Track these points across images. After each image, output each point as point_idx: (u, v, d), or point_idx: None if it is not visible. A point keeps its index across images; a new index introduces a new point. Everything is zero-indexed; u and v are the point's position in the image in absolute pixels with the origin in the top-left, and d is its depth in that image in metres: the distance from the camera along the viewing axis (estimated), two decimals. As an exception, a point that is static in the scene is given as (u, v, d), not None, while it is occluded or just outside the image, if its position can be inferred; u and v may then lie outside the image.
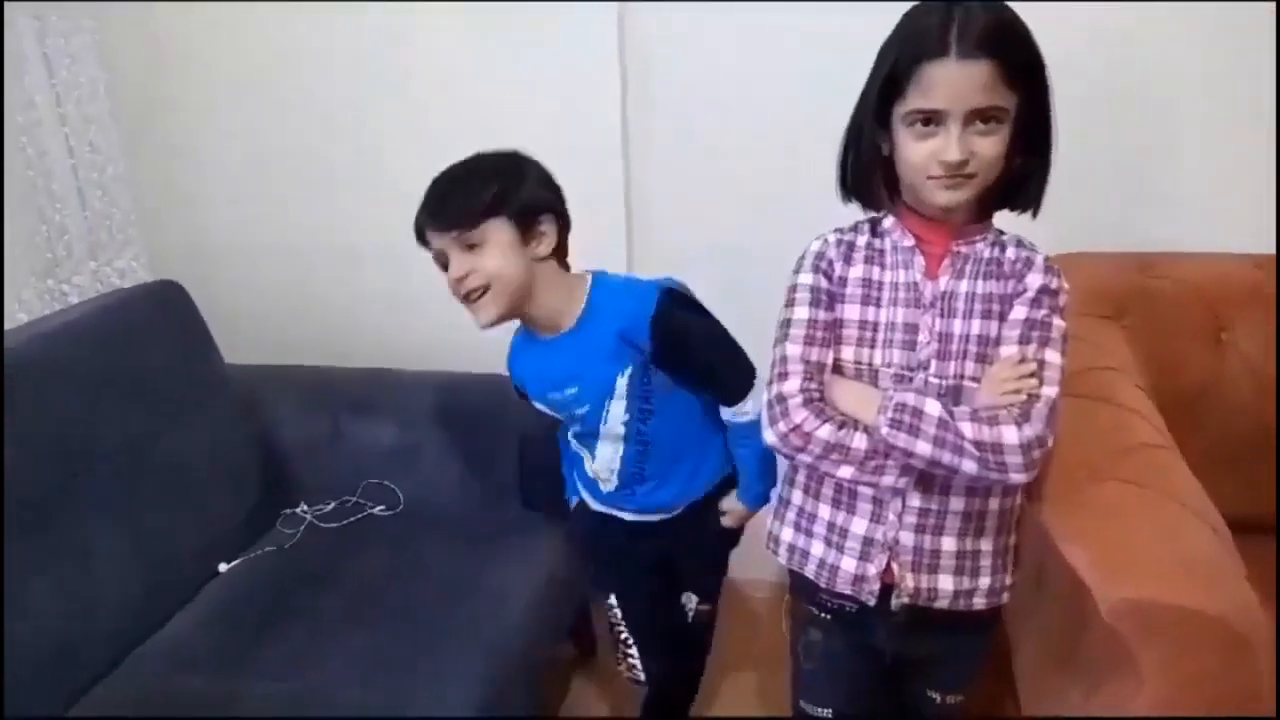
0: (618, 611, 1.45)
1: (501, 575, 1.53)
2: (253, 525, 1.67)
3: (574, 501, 1.50)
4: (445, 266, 1.23)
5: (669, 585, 1.48)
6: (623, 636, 1.46)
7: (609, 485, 1.38)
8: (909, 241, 1.09)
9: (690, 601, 1.49)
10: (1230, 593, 0.97)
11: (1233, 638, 0.93)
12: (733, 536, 1.46)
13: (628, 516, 1.42)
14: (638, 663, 1.45)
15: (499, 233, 1.21)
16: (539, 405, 1.38)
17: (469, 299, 1.23)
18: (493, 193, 1.21)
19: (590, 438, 1.35)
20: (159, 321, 1.64)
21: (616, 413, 1.30)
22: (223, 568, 1.58)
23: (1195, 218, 1.70)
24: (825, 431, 1.05)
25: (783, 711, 1.54)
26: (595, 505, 1.45)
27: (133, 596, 1.42)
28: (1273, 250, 1.60)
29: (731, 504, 1.43)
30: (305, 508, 1.71)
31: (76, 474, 1.37)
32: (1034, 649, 1.33)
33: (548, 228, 1.25)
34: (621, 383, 1.29)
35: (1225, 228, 1.65)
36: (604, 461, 1.35)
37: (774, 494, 1.39)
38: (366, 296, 2.07)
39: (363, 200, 1.99)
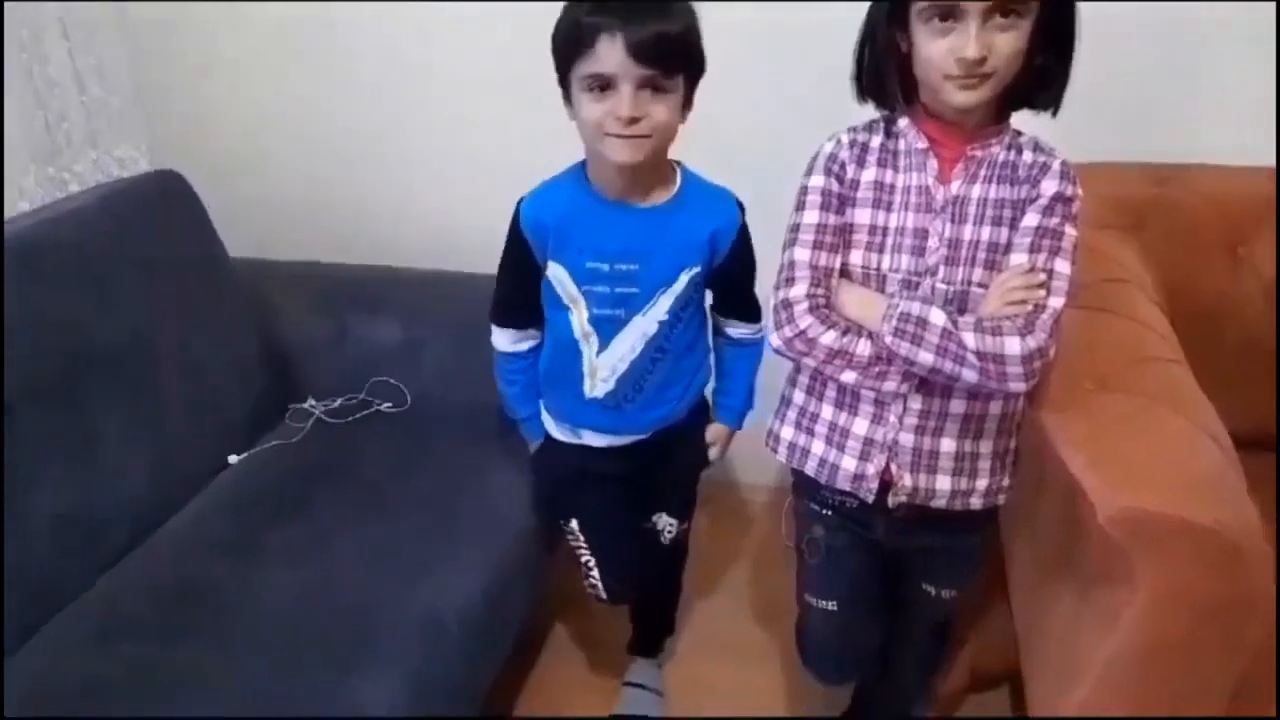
0: (580, 536, 1.42)
1: (505, 469, 1.54)
2: (261, 419, 1.69)
3: (533, 444, 1.45)
4: (600, 87, 1.10)
5: (633, 506, 1.45)
6: (584, 559, 1.43)
7: (601, 388, 1.30)
8: (923, 144, 1.06)
9: (663, 522, 1.47)
10: (1230, 507, 0.97)
11: (1229, 550, 0.94)
12: (704, 458, 1.45)
13: (597, 442, 1.37)
14: (599, 583, 1.43)
15: (678, 89, 1.12)
16: (555, 268, 1.25)
17: (621, 136, 1.11)
18: (700, 51, 1.13)
19: (614, 325, 1.26)
20: (161, 212, 1.62)
21: (663, 305, 1.25)
22: (232, 459, 1.60)
23: (1217, 129, 1.65)
24: (830, 338, 1.05)
25: (780, 610, 1.59)
26: (559, 433, 1.40)
27: (144, 483, 1.44)
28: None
29: (715, 431, 1.43)
30: (314, 402, 1.72)
31: (82, 361, 1.37)
32: (1028, 552, 1.35)
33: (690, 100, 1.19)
34: (684, 278, 1.25)
35: (1247, 140, 1.60)
36: (616, 355, 1.28)
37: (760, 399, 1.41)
38: (372, 193, 2.05)
39: (371, 93, 1.95)
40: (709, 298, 1.35)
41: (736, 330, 1.37)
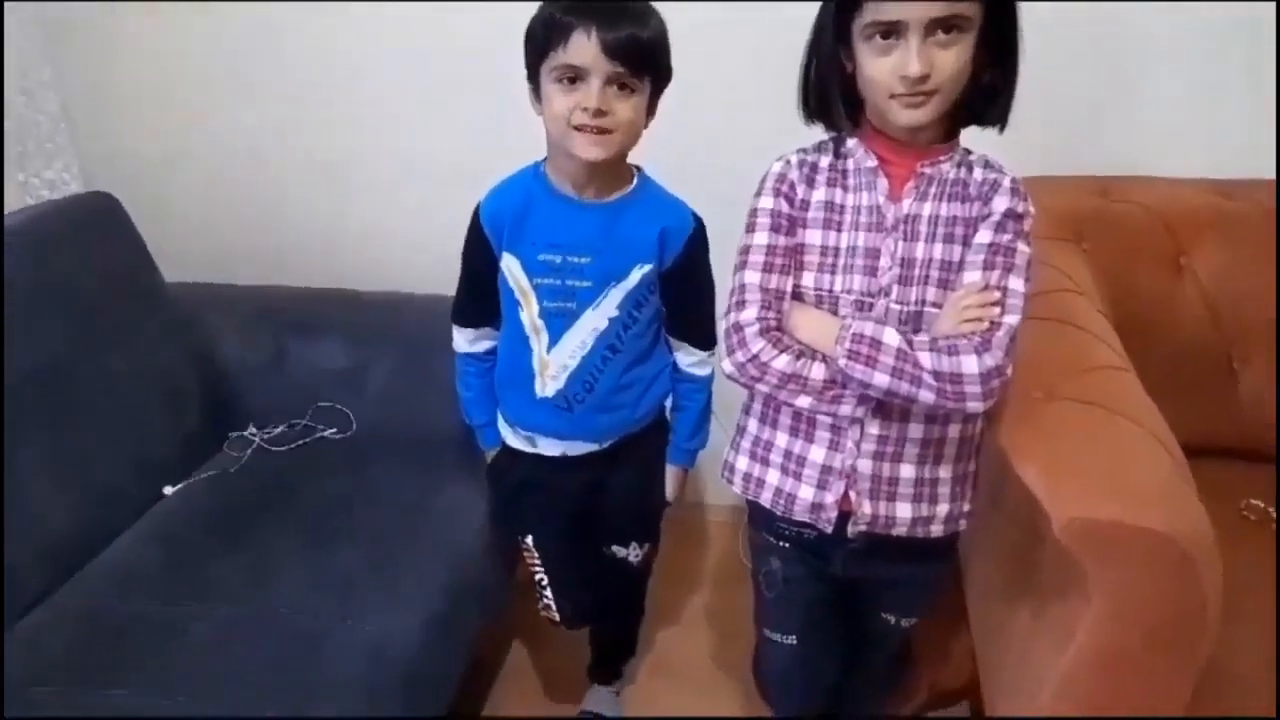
0: (534, 552, 1.42)
1: (456, 493, 1.51)
2: (198, 448, 1.63)
3: (490, 453, 1.45)
4: (571, 79, 1.12)
5: (594, 535, 1.45)
6: (537, 577, 1.44)
7: (552, 385, 1.30)
8: (872, 162, 1.05)
9: (630, 550, 1.46)
10: (1182, 512, 0.97)
11: (1180, 556, 0.95)
12: (662, 493, 1.44)
13: (552, 450, 1.37)
14: (552, 603, 1.44)
15: (644, 92, 1.16)
16: (508, 259, 1.26)
17: (585, 130, 1.13)
18: (668, 61, 1.17)
19: (565, 318, 1.27)
20: (91, 234, 1.57)
21: (613, 300, 1.25)
22: (168, 490, 1.54)
23: (1157, 142, 1.67)
24: (782, 362, 1.03)
25: (738, 633, 1.57)
26: (515, 441, 1.39)
27: (71, 519, 1.38)
28: (1235, 175, 1.58)
29: (667, 472, 1.43)
30: (254, 430, 1.67)
31: (2, 393, 1.32)
32: (985, 569, 1.35)
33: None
34: (636, 275, 1.25)
35: (1187, 152, 1.63)
36: (565, 350, 1.28)
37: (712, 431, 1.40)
38: (313, 216, 2.00)
39: (312, 112, 1.90)
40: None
41: (686, 358, 1.35)
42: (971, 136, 1.08)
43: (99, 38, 1.87)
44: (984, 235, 1.03)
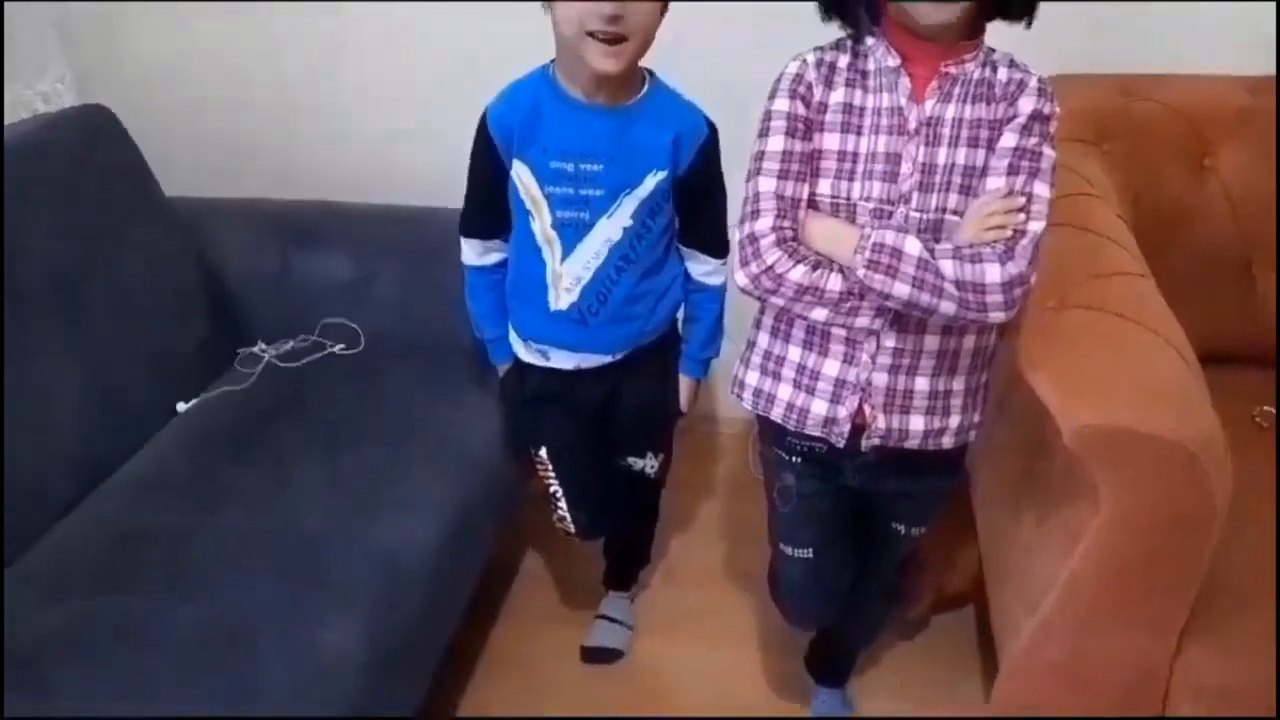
0: (549, 464, 1.42)
1: (468, 403, 1.52)
2: (209, 364, 1.63)
3: (502, 366, 1.44)
4: None
5: (608, 445, 1.44)
6: (551, 489, 1.43)
7: (565, 298, 1.28)
8: (894, 61, 1.01)
9: (645, 461, 1.46)
10: (1193, 419, 0.97)
11: (1190, 462, 0.95)
12: (676, 404, 1.44)
13: (565, 364, 1.35)
14: (567, 515, 1.44)
15: None
16: (519, 167, 1.23)
17: (599, 37, 1.09)
18: None
19: (579, 229, 1.24)
20: (89, 148, 1.53)
21: (627, 209, 1.23)
22: (181, 407, 1.54)
23: (1183, 37, 1.60)
24: (799, 273, 1.01)
25: (750, 541, 1.59)
26: (527, 355, 1.38)
27: (89, 434, 1.39)
28: (1266, 71, 1.52)
29: (680, 382, 1.42)
30: (263, 346, 1.66)
31: (8, 307, 1.31)
32: (992, 476, 1.36)
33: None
34: (650, 182, 1.22)
35: (1215, 48, 1.56)
36: (579, 261, 1.26)
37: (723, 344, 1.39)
38: (306, 128, 1.96)
39: (306, 16, 1.84)
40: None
41: (699, 267, 1.33)
42: (993, 34, 1.03)
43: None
44: (1009, 139, 1.00)
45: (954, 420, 1.12)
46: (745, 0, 1.66)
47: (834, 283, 1.01)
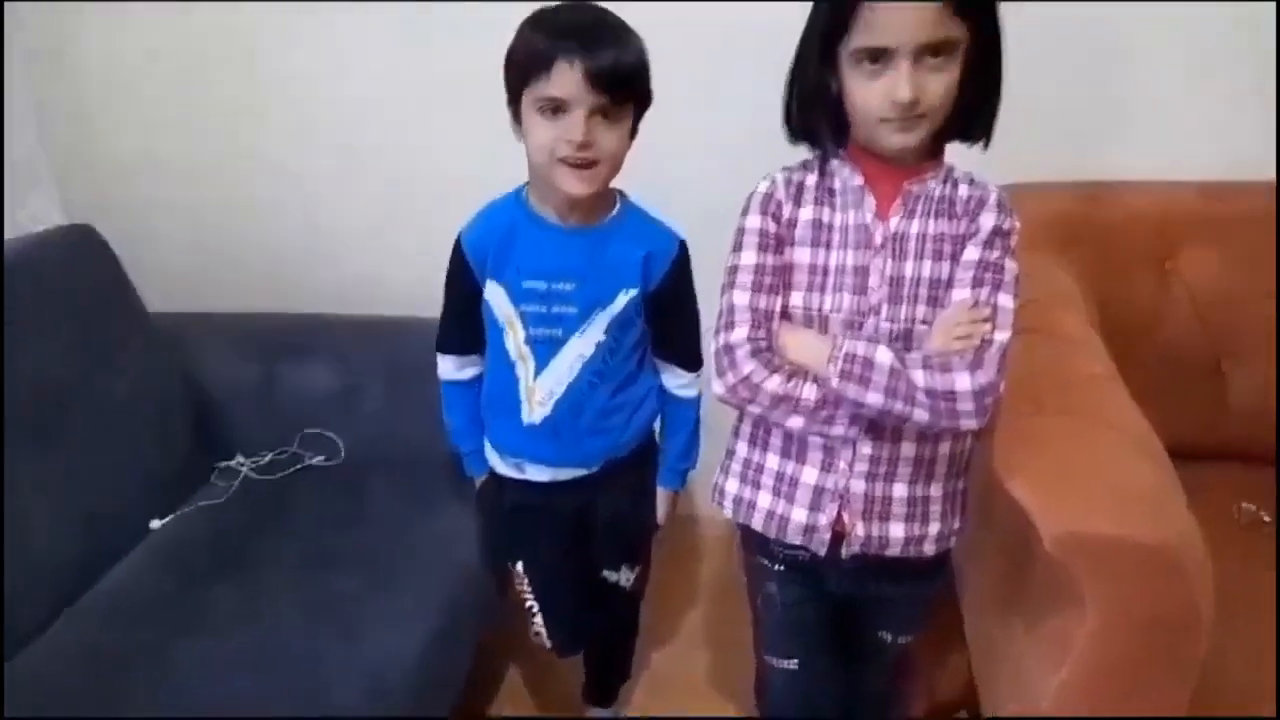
0: (525, 579, 1.41)
1: (447, 516, 1.51)
2: (186, 479, 1.62)
3: (479, 479, 1.43)
4: (554, 110, 1.11)
5: (585, 559, 1.43)
6: (528, 604, 1.42)
7: (539, 412, 1.28)
8: (859, 180, 1.05)
9: (621, 575, 1.44)
10: (1170, 522, 0.98)
11: (1171, 566, 0.95)
12: (654, 516, 1.43)
13: (540, 476, 1.35)
14: (543, 631, 1.42)
15: (628, 117, 1.15)
16: (492, 288, 1.25)
17: (570, 163, 1.12)
18: (649, 83, 1.16)
19: (552, 345, 1.25)
20: (74, 266, 1.56)
21: (600, 325, 1.24)
22: (155, 524, 1.52)
23: (1144, 146, 1.67)
24: (774, 383, 1.03)
25: (735, 649, 1.56)
26: (503, 467, 1.38)
27: (66, 547, 1.38)
28: (1219, 177, 1.59)
29: (657, 495, 1.42)
30: (241, 460, 1.66)
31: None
32: (978, 583, 1.35)
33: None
34: (622, 299, 1.24)
35: (1173, 155, 1.63)
36: (553, 376, 1.27)
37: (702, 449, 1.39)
38: (297, 243, 1.99)
39: (289, 136, 1.90)
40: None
41: (673, 380, 1.34)
42: (956, 147, 1.07)
43: (75, 76, 1.87)
44: (972, 252, 1.03)
45: (933, 527, 1.12)
46: (717, 123, 1.72)
47: (809, 392, 1.02)
